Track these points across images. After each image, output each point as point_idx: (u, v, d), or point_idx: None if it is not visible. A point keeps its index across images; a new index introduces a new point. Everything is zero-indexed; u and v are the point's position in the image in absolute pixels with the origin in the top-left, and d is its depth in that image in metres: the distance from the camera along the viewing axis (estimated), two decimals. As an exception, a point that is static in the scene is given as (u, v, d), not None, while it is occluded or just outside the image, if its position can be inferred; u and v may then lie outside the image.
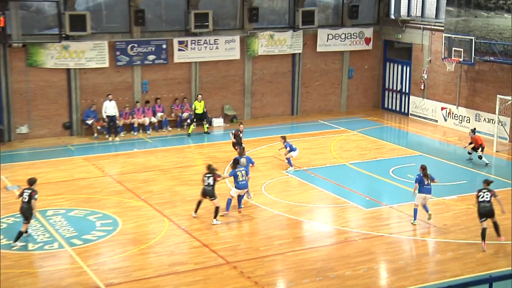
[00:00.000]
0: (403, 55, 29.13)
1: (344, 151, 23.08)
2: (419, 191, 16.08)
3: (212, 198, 16.05)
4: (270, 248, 14.69)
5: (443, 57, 25.54)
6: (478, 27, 24.26)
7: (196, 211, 16.49)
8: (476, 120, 25.15)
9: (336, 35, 28.56)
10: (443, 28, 25.86)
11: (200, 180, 16.59)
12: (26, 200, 14.73)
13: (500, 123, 23.09)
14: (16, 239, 14.63)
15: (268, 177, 19.94)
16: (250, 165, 17.51)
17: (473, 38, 24.02)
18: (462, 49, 24.47)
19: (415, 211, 16.20)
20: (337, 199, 18.08)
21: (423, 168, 16.14)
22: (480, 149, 21.38)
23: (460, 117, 25.92)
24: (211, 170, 16.15)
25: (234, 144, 20.84)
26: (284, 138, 20.69)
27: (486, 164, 21.12)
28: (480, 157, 21.28)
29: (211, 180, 16.03)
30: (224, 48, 26.66)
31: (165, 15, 26.16)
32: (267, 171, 20.48)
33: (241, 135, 20.57)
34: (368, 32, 29.15)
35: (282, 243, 14.96)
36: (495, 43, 23.59)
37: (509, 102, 22.54)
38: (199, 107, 25.17)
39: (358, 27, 28.94)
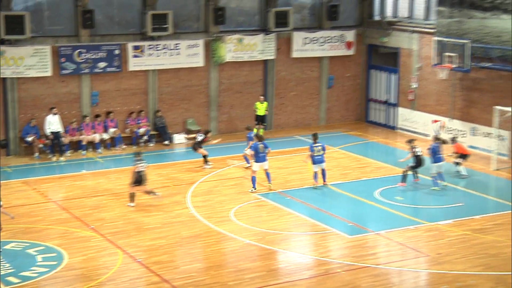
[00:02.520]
0: (389, 61, 29.48)
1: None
2: (434, 161, 20.84)
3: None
4: (240, 283, 14.61)
5: (434, 63, 25.90)
6: (473, 30, 24.70)
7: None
8: (472, 135, 25.49)
9: (313, 39, 28.80)
10: (433, 30, 26.27)
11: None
12: None
13: (499, 138, 23.44)
14: None
15: (237, 201, 19.88)
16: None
17: (467, 42, 24.44)
18: (455, 54, 24.85)
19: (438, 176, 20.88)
20: (317, 225, 18.09)
21: (437, 138, 21.35)
22: (462, 157, 22.43)
23: (455, 130, 26.24)
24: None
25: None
26: (258, 137, 21.50)
27: (463, 176, 21.97)
28: (457, 164, 22.31)
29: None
30: (186, 54, 26.66)
31: (117, 16, 26.09)
32: (236, 195, 20.43)
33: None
34: (350, 35, 29.46)
35: (254, 277, 14.88)
36: (492, 47, 24.03)
37: (508, 114, 22.92)
38: (261, 108, 27.03)
39: (338, 29, 29.22)
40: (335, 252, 16.53)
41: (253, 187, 20.62)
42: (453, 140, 22.97)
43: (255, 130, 26.50)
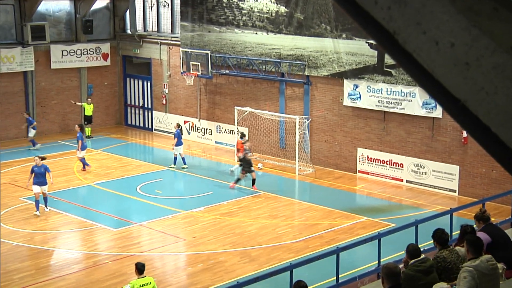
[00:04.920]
0: (143, 70, 29.57)
1: (89, 171, 22.61)
2: (177, 144, 22.47)
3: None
4: (10, 284, 13.74)
5: (182, 71, 26.48)
6: (212, 42, 25.70)
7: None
8: (217, 132, 26.53)
9: (71, 51, 27.89)
10: (179, 42, 26.85)
11: None
12: None
13: (239, 134, 24.62)
14: None
15: (4, 206, 18.61)
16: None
17: (208, 52, 25.35)
18: (199, 63, 25.65)
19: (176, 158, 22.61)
20: (84, 222, 17.62)
21: (179, 125, 23.15)
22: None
23: (203, 129, 27.11)
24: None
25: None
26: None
27: (232, 171, 22.33)
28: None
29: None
30: None
31: None
32: (2, 200, 19.10)
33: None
34: (105, 47, 29.01)
35: (24, 276, 14.10)
36: (228, 56, 25.20)
37: (246, 113, 24.23)
38: (88, 109, 27.07)
39: (94, 42, 28.64)
40: (102, 245, 16.24)
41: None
42: (242, 136, 22.34)
43: (86, 129, 27.01)
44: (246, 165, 20.39)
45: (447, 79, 1.96)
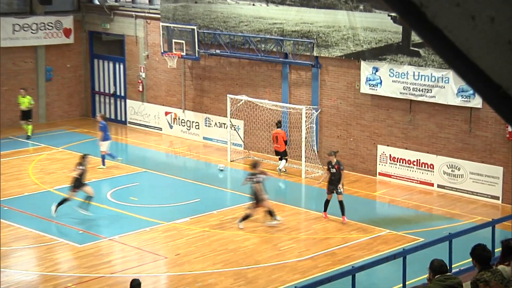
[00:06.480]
0: (114, 49, 29.58)
1: (48, 174, 22.66)
2: (104, 139, 22.95)
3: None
4: (-48, 313, 13.78)
5: (162, 51, 26.46)
6: (200, 15, 25.70)
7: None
8: (206, 126, 26.52)
9: (25, 26, 27.90)
10: (159, 16, 26.84)
11: None
12: None
13: (232, 128, 24.69)
14: None
15: None
16: None
17: (195, 27, 25.35)
18: (183, 41, 25.63)
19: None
20: (42, 236, 17.67)
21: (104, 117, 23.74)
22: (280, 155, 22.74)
23: (188, 122, 27.10)
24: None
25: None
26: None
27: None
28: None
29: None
30: None
31: None
32: None
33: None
34: (67, 21, 29.02)
35: (-32, 304, 14.14)
36: (220, 33, 25.20)
37: (241, 103, 24.24)
38: (23, 102, 26.68)
39: (53, 15, 28.66)
40: (64, 264, 16.31)
41: None
42: (279, 124, 22.80)
43: (24, 127, 26.68)
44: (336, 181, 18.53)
45: (485, 61, 1.98)
